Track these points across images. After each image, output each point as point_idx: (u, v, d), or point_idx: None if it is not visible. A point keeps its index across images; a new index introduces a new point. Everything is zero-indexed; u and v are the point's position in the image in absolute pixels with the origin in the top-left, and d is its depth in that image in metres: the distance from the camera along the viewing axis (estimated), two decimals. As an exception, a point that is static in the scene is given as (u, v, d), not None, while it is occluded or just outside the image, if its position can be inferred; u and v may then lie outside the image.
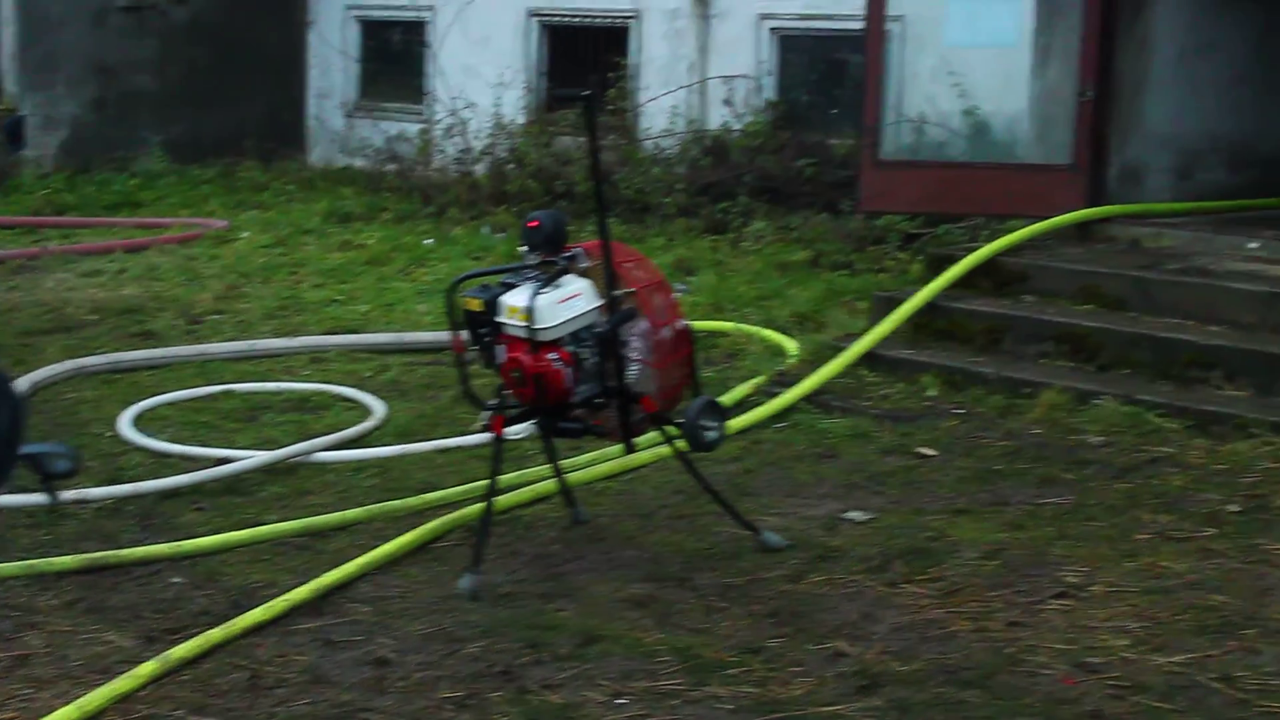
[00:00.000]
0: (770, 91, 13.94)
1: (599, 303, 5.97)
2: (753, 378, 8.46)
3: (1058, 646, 5.28)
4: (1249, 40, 10.69)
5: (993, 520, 6.49)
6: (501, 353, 5.91)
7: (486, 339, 5.95)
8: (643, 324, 6.12)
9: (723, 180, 13.02)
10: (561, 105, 14.29)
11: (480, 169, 14.50)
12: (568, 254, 5.94)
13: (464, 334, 6.01)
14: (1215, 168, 10.55)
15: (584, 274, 5.97)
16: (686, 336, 6.32)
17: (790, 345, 9.02)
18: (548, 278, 5.88)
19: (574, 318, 5.88)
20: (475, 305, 5.93)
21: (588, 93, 6.25)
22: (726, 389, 8.24)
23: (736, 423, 7.64)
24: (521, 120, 14.92)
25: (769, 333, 9.35)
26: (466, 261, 11.71)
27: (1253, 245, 9.06)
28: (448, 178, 14.62)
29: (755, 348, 9.21)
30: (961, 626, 5.46)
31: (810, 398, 8.12)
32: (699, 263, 11.49)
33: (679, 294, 6.68)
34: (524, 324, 5.81)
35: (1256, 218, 9.76)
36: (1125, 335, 8.26)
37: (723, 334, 9.47)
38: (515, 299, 5.84)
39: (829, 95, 13.77)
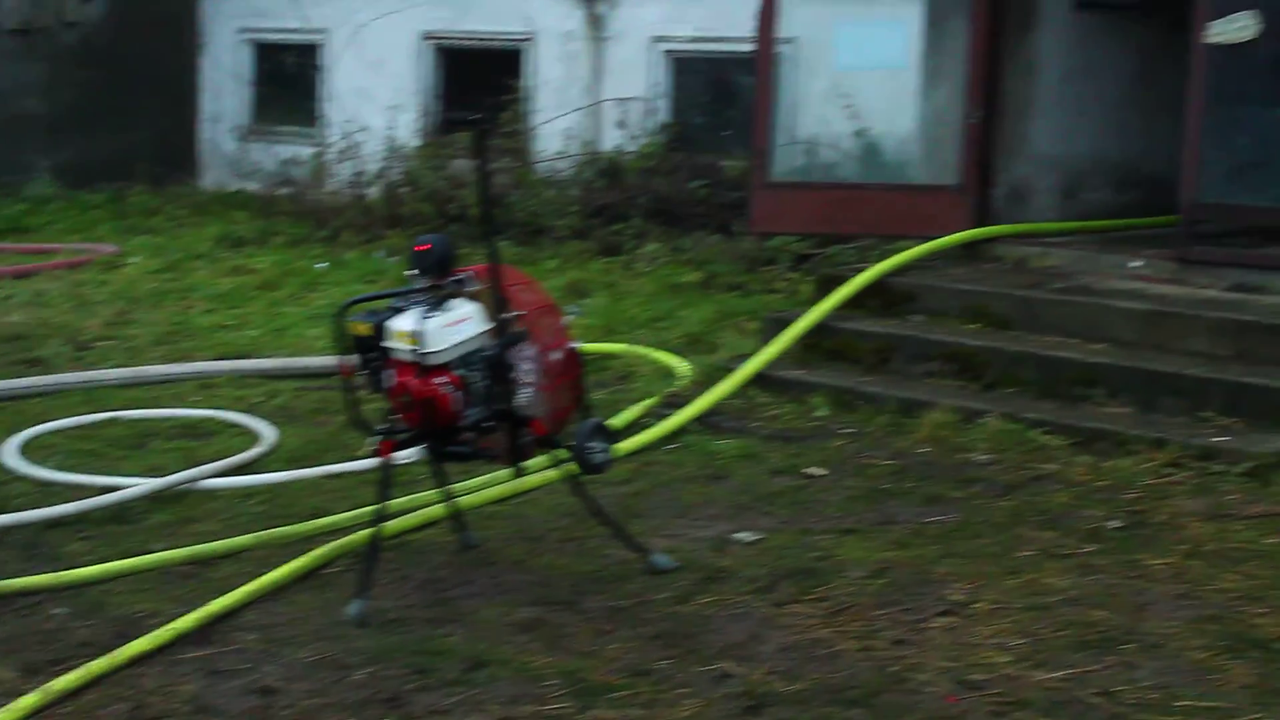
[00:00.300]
0: (664, 113, 14.03)
1: (488, 326, 5.97)
2: (644, 399, 8.49)
3: (941, 664, 5.33)
4: (1132, 63, 10.88)
5: (879, 539, 6.54)
6: (390, 377, 5.89)
7: (375, 363, 5.94)
8: (532, 347, 6.13)
9: (616, 202, 13.07)
10: (455, 129, 14.29)
11: (374, 192, 14.47)
12: (456, 278, 5.94)
13: (352, 359, 5.99)
14: (1100, 187, 10.73)
15: (473, 298, 5.98)
16: (575, 359, 6.33)
17: (682, 367, 9.06)
18: (436, 301, 5.88)
19: (462, 341, 5.88)
20: (363, 330, 5.91)
21: (478, 117, 6.26)
22: (618, 411, 8.26)
23: (627, 445, 7.66)
24: (415, 143, 14.91)
25: (661, 354, 9.38)
26: (359, 285, 11.66)
27: (1135, 264, 9.21)
28: (341, 201, 14.57)
29: (647, 369, 9.24)
30: (847, 646, 5.49)
31: (701, 419, 8.16)
32: (592, 285, 11.52)
33: (571, 317, 6.70)
34: (412, 348, 5.79)
35: (1139, 236, 9.93)
36: (1011, 354, 8.37)
37: (615, 356, 9.49)
38: (403, 323, 5.83)
39: (722, 117, 13.88)
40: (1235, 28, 8.78)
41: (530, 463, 6.43)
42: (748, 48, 10.48)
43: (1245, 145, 9.22)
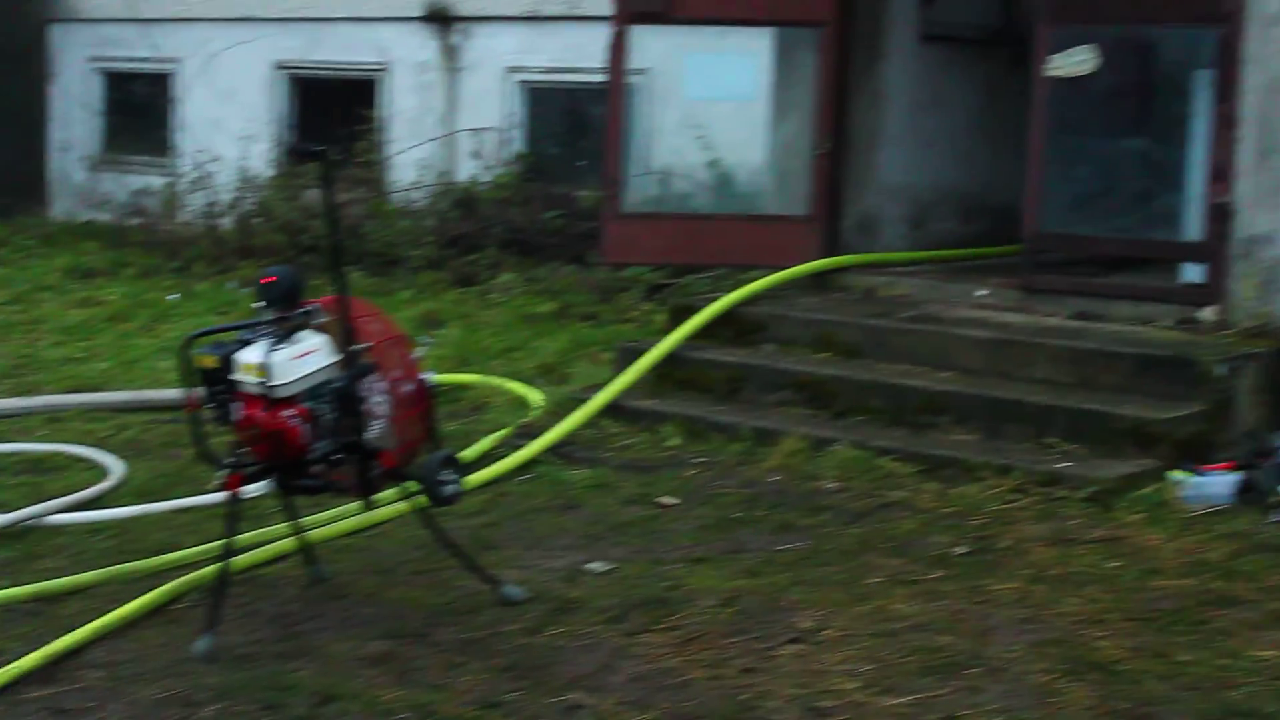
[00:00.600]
0: (519, 144, 14.05)
1: (336, 358, 5.95)
2: (497, 430, 8.49)
3: (790, 691, 5.38)
4: (978, 95, 11.07)
5: (730, 568, 6.59)
6: (237, 410, 5.85)
7: (222, 396, 5.89)
8: (380, 379, 6.11)
9: (471, 233, 13.07)
10: (301, 160, 14.23)
11: (226, 223, 14.35)
12: (304, 309, 5.92)
13: (199, 392, 5.95)
14: (947, 217, 10.90)
15: (321, 329, 5.96)
16: (425, 391, 6.32)
17: (535, 397, 9.08)
18: (283, 334, 5.85)
19: (310, 374, 5.85)
20: (210, 362, 5.86)
21: (322, 148, 6.23)
22: (471, 442, 8.26)
23: (480, 476, 7.68)
24: (269, 174, 14.81)
25: (514, 385, 9.39)
26: (211, 317, 11.56)
27: (981, 293, 9.36)
28: (193, 232, 14.45)
29: (501, 400, 9.25)
30: (697, 674, 5.53)
31: (554, 449, 8.18)
32: (446, 315, 11.50)
33: (424, 347, 6.69)
34: (259, 380, 5.76)
35: (986, 266, 10.09)
36: (860, 382, 8.47)
37: (468, 387, 9.49)
38: (250, 356, 5.79)
39: (577, 147, 13.91)
40: (1075, 61, 8.97)
41: (381, 495, 6.42)
42: (603, 78, 10.52)
43: (1086, 176, 9.44)
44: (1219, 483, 7.40)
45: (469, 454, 7.99)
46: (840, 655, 5.68)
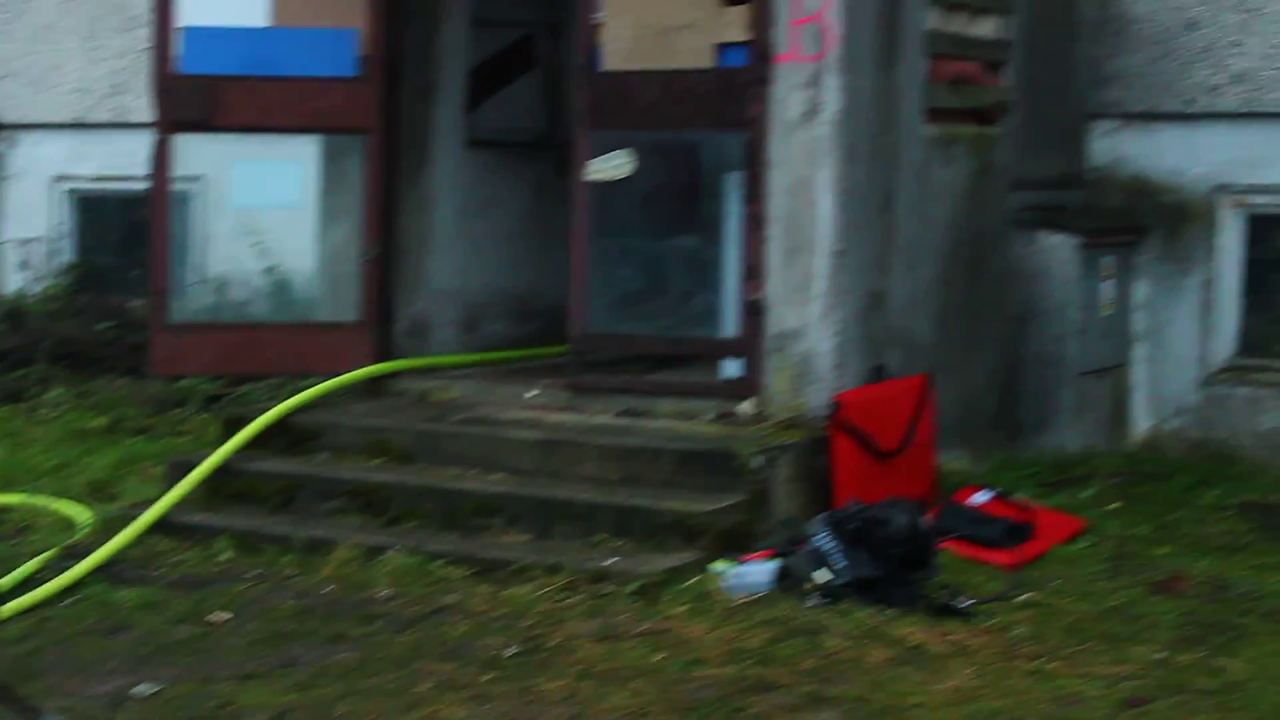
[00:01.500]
0: (69, 254, 13.74)
1: None
2: (43, 552, 8.25)
3: (336, 806, 5.38)
4: (527, 199, 11.29)
5: (282, 682, 6.54)
6: None
7: None
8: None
9: (19, 347, 12.67)
10: None
11: None
12: None
13: None
14: (499, 320, 11.06)
15: None
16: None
17: (83, 516, 8.86)
18: None
19: None
20: None
21: None
22: (14, 566, 8.00)
23: (22, 601, 7.46)
24: None
25: (61, 504, 9.15)
26: None
27: (531, 394, 9.51)
28: None
29: (47, 520, 8.99)
30: (243, 795, 5.49)
31: (102, 569, 7.99)
32: (-9, 434, 11.15)
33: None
34: None
35: (537, 367, 10.23)
36: (413, 487, 8.52)
37: (12, 508, 9.21)
38: None
39: (131, 256, 13.63)
40: (612, 165, 9.25)
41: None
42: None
43: (629, 276, 9.71)
44: (758, 571, 7.68)
45: (9, 580, 7.76)
46: (384, 764, 5.71)
